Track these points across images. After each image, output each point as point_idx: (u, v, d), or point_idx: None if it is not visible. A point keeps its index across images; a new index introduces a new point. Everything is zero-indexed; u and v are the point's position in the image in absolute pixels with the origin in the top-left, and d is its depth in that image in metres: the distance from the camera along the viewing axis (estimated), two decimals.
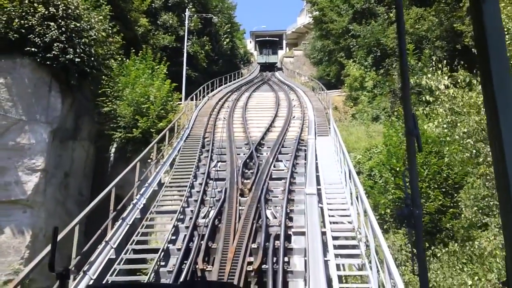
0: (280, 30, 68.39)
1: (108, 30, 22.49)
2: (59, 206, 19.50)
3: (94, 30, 20.44)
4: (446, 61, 9.95)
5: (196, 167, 15.02)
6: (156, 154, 15.23)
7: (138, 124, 20.33)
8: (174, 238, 10.04)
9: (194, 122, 21.26)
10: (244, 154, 15.84)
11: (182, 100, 26.53)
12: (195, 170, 14.72)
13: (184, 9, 36.01)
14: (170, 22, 35.60)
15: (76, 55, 18.88)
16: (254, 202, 10.89)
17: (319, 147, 16.23)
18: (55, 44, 18.49)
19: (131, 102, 20.92)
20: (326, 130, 19.49)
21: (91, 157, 22.03)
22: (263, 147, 17.26)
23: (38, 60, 18.46)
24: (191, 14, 35.74)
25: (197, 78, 34.04)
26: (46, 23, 18.64)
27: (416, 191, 1.43)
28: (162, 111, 21.56)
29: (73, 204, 20.02)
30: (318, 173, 13.23)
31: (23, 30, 18.22)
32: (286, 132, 18.91)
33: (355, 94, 27.32)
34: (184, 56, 31.75)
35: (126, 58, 23.99)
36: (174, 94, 24.08)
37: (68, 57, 18.68)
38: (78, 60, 18.96)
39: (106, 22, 22.65)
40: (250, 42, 68.08)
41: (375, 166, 17.18)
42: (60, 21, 18.96)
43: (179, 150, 17.23)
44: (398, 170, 15.08)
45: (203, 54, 37.60)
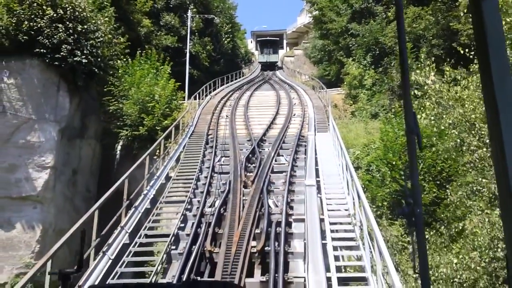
0: (280, 29, 68.56)
1: (113, 31, 23.02)
2: (68, 202, 20.03)
3: (101, 32, 20.92)
4: (443, 59, 10.55)
5: (201, 162, 15.67)
6: (162, 150, 15.88)
7: (144, 122, 20.91)
8: (182, 225, 10.74)
9: (197, 120, 21.85)
10: (246, 150, 16.46)
11: (185, 99, 27.15)
12: (200, 165, 15.37)
13: (185, 9, 36.45)
14: (172, 23, 35.99)
15: (83, 57, 19.27)
16: (257, 193, 11.53)
17: (319, 143, 16.83)
18: (63, 45, 18.88)
19: (137, 101, 21.49)
20: (325, 126, 20.03)
21: (98, 155, 22.51)
22: (265, 143, 17.87)
23: (47, 61, 18.84)
24: (193, 14, 36.26)
25: (199, 78, 34.52)
26: (54, 25, 18.98)
27: (417, 190, 1.41)
28: (167, 110, 22.16)
29: (80, 200, 20.56)
30: (317, 166, 13.86)
31: (32, 32, 18.58)
32: (287, 129, 19.49)
33: (355, 92, 27.76)
34: (186, 56, 32.29)
35: (131, 58, 24.52)
36: (178, 93, 24.69)
37: (76, 59, 19.09)
38: (85, 61, 19.36)
39: (111, 23, 23.18)
40: (251, 42, 68.45)
41: (373, 161, 17.80)
42: (68, 23, 19.34)
43: (184, 146, 17.88)
44: (394, 164, 15.74)
45: (205, 54, 38.02)
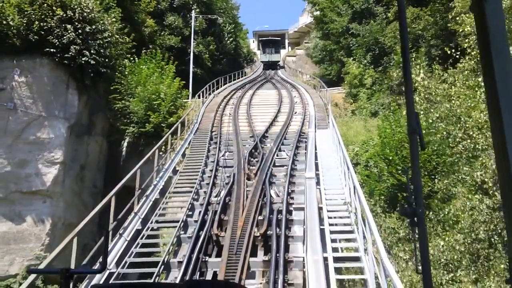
0: (282, 29, 69.09)
1: (119, 32, 23.68)
2: (76, 197, 20.68)
3: (108, 32, 21.54)
4: (443, 59, 11.16)
5: (206, 157, 16.39)
6: (169, 146, 16.59)
7: (150, 119, 21.56)
8: (190, 213, 11.48)
9: (202, 118, 22.58)
10: (249, 145, 17.15)
11: (189, 97, 27.86)
12: (205, 159, 16.09)
13: (189, 10, 37.07)
14: (176, 23, 36.61)
15: (91, 57, 19.88)
16: (259, 184, 12.24)
17: (319, 139, 17.51)
18: (72, 46, 19.49)
19: (143, 99, 22.14)
20: (325, 124, 20.70)
21: (104, 151, 23.11)
22: (267, 139, 18.55)
23: (56, 60, 19.45)
24: (196, 15, 36.90)
25: (202, 77, 35.07)
26: (64, 25, 19.61)
27: (419, 190, 1.40)
28: (172, 107, 22.85)
29: (88, 195, 21.21)
30: (317, 160, 14.56)
31: (43, 32, 19.21)
32: (288, 126, 20.18)
33: (355, 91, 28.31)
34: (190, 55, 32.95)
35: (136, 57, 25.20)
36: (183, 92, 25.37)
37: (84, 59, 19.70)
38: (93, 62, 19.98)
39: (117, 23, 23.84)
40: (253, 42, 69.06)
41: (371, 157, 18.43)
42: (76, 23, 19.97)
43: (190, 142, 18.61)
44: (391, 159, 16.37)
45: (208, 53, 38.63)
